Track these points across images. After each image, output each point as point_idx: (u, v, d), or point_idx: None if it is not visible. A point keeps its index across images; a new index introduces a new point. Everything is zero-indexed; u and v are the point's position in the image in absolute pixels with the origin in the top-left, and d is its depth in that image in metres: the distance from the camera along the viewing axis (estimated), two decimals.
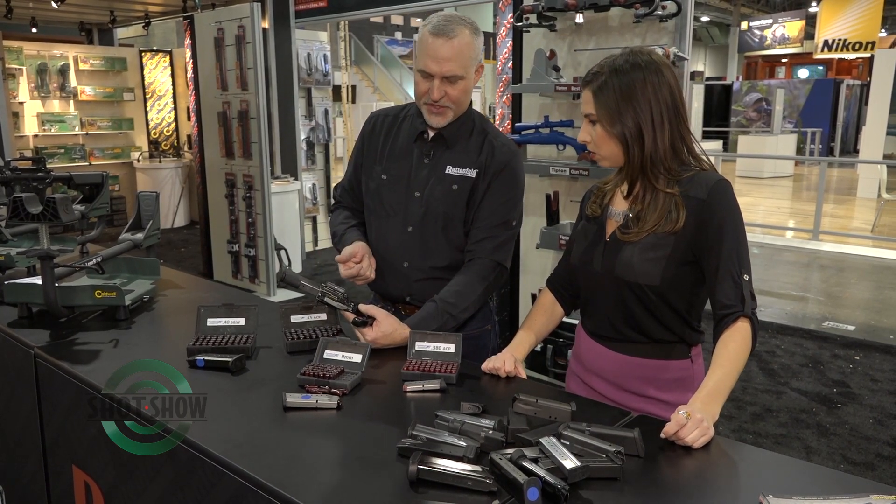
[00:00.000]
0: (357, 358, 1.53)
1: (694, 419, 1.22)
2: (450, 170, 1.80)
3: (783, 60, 22.80)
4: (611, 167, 1.56)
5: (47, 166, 1.95)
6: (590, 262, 1.56)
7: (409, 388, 1.47)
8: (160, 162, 8.66)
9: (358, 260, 1.78)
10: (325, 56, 7.15)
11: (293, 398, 1.38)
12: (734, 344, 1.36)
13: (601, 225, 1.57)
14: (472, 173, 1.79)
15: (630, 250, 1.47)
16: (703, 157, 1.50)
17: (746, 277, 1.40)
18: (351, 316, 1.69)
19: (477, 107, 2.02)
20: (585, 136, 1.52)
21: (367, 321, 1.67)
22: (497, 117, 3.53)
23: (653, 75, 1.43)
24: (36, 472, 1.81)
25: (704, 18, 23.95)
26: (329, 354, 1.54)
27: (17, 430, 1.89)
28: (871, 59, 13.89)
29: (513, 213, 1.83)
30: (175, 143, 9.00)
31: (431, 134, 1.82)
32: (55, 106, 8.13)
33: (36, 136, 7.95)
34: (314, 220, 7.39)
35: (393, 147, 1.86)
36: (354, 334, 1.70)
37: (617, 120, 1.44)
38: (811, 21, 19.26)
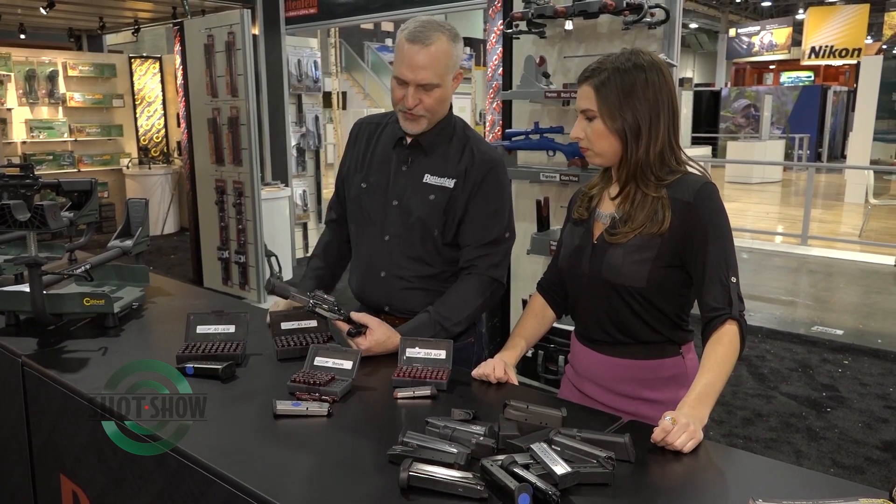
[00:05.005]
0: (348, 365, 1.53)
1: (680, 423, 1.23)
2: (428, 178, 1.76)
3: (771, 67, 23.02)
4: (602, 165, 1.55)
5: (35, 173, 1.94)
6: (577, 265, 1.56)
7: (400, 394, 1.46)
8: (150, 168, 8.60)
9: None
10: (315, 62, 7.15)
11: (283, 405, 1.37)
12: (722, 347, 1.37)
13: (588, 228, 1.57)
14: (450, 183, 1.75)
15: (616, 253, 1.48)
16: (692, 164, 1.51)
17: (734, 280, 1.41)
18: (342, 325, 1.68)
19: (467, 113, 2.01)
20: (580, 132, 1.51)
21: (361, 330, 1.67)
22: (487, 124, 3.55)
23: (654, 75, 1.45)
24: (23, 481, 1.79)
25: (693, 25, 24.17)
26: (319, 361, 1.54)
27: (4, 440, 1.87)
28: (858, 65, 14.05)
29: (502, 226, 1.78)
30: (165, 150, 8.96)
31: (409, 140, 1.78)
32: (44, 112, 8.07)
33: (24, 142, 7.88)
34: (304, 226, 7.36)
35: (374, 155, 1.84)
36: (344, 341, 1.70)
37: (618, 115, 1.44)
38: (798, 28, 19.51)
